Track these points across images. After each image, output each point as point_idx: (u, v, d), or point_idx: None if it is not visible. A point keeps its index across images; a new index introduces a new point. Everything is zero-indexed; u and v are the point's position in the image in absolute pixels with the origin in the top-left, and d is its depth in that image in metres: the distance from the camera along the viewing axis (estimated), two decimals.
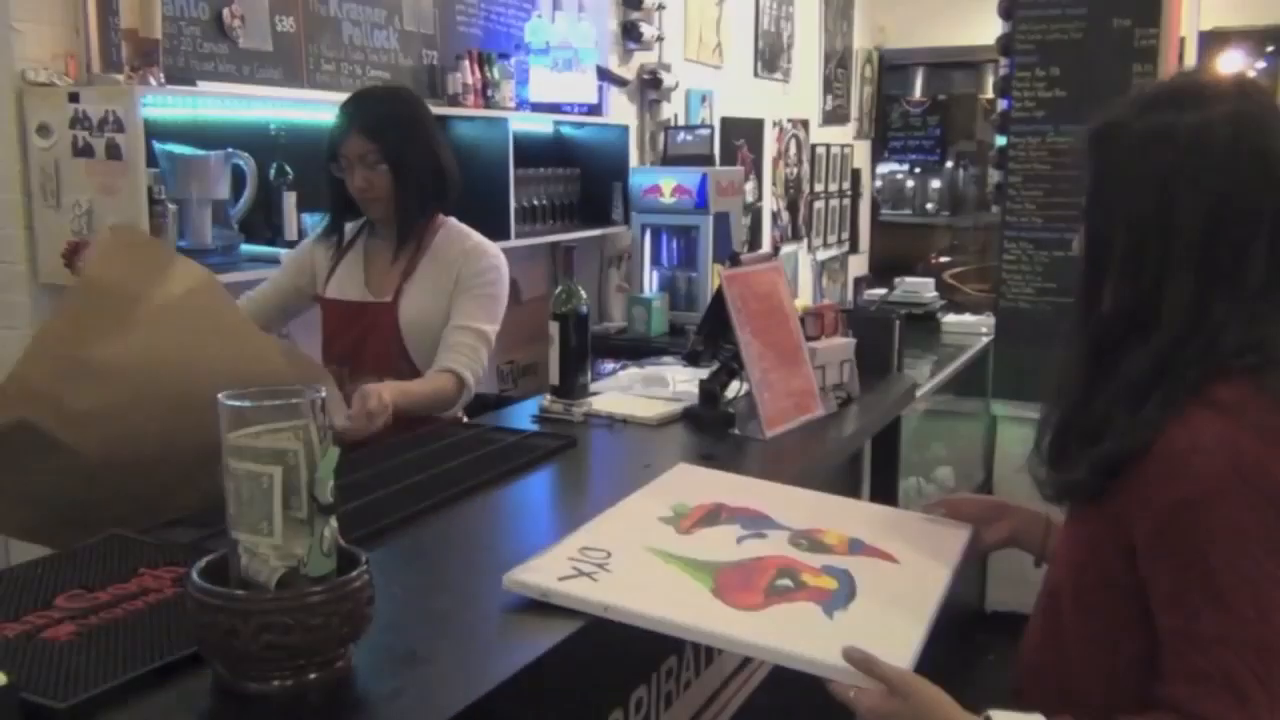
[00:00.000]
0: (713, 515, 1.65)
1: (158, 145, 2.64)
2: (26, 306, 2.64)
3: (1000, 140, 4.38)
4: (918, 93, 7.99)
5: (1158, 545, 1.19)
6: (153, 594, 1.37)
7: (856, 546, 1.55)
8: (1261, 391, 1.19)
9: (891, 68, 7.85)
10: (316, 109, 3.13)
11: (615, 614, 1.34)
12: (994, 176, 4.52)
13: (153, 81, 2.57)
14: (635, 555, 1.49)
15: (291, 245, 2.92)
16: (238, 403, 1.12)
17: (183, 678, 1.18)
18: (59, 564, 1.48)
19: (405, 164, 2.36)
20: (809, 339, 2.47)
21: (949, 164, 8.04)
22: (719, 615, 1.34)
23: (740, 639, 1.31)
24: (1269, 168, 1.21)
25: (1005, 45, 4.28)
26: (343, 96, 3.31)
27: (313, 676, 1.14)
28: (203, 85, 2.84)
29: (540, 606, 1.38)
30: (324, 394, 1.16)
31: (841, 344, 2.54)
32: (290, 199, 2.98)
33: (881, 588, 1.43)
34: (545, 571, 1.41)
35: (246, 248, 2.87)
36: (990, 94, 7.11)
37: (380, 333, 2.40)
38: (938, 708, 1.20)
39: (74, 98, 2.52)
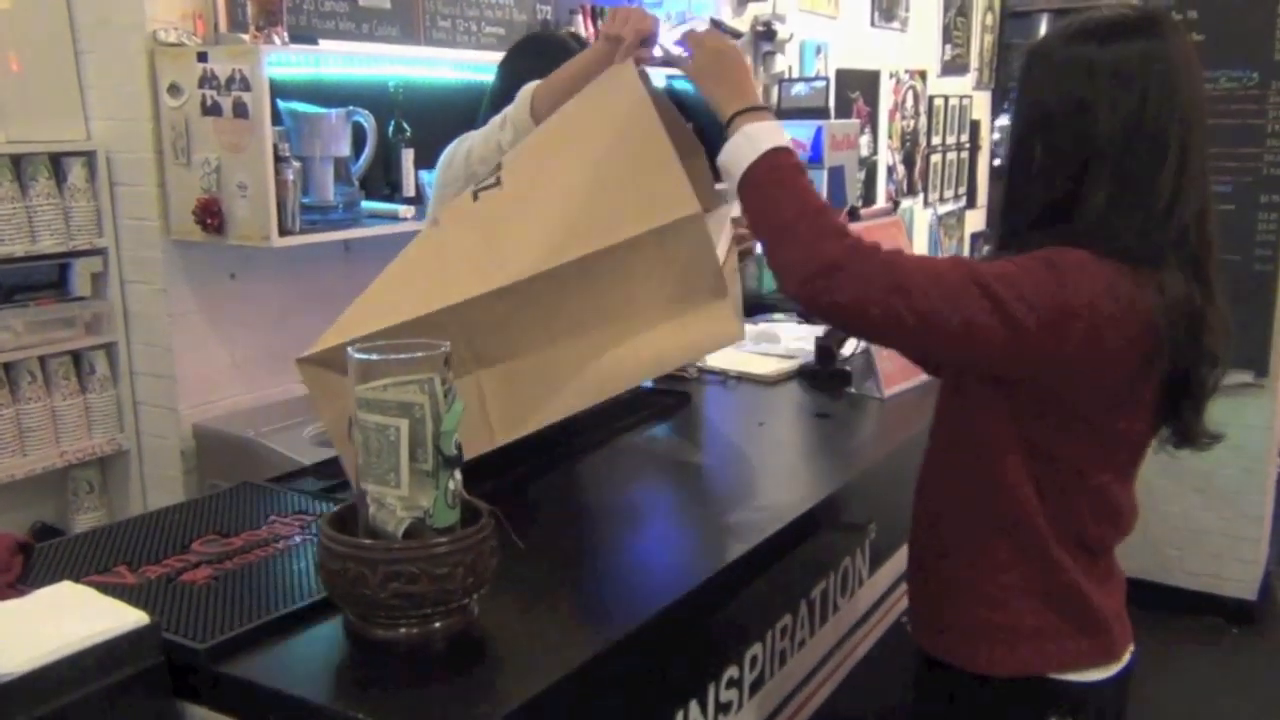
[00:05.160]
0: None
1: (281, 103, 2.69)
2: (159, 261, 2.73)
3: None
4: None
5: None
6: (283, 541, 1.42)
7: None
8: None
9: (1014, 15, 7.56)
10: (433, 66, 3.16)
11: None
12: None
13: (277, 40, 2.61)
14: None
15: (410, 202, 2.96)
16: (365, 356, 1.14)
17: (314, 622, 1.22)
18: (195, 510, 1.54)
19: None
20: None
21: None
22: None
23: None
24: (1173, 100, 1.32)
25: None
26: (459, 53, 3.36)
27: (438, 625, 1.16)
28: (324, 44, 2.89)
29: (657, 569, 1.38)
30: (447, 348, 1.17)
31: None
32: (408, 156, 3.01)
33: None
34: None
35: (367, 204, 2.92)
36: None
37: None
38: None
39: (202, 57, 2.58)
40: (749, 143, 1.40)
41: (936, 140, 6.70)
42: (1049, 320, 1.26)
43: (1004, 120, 7.80)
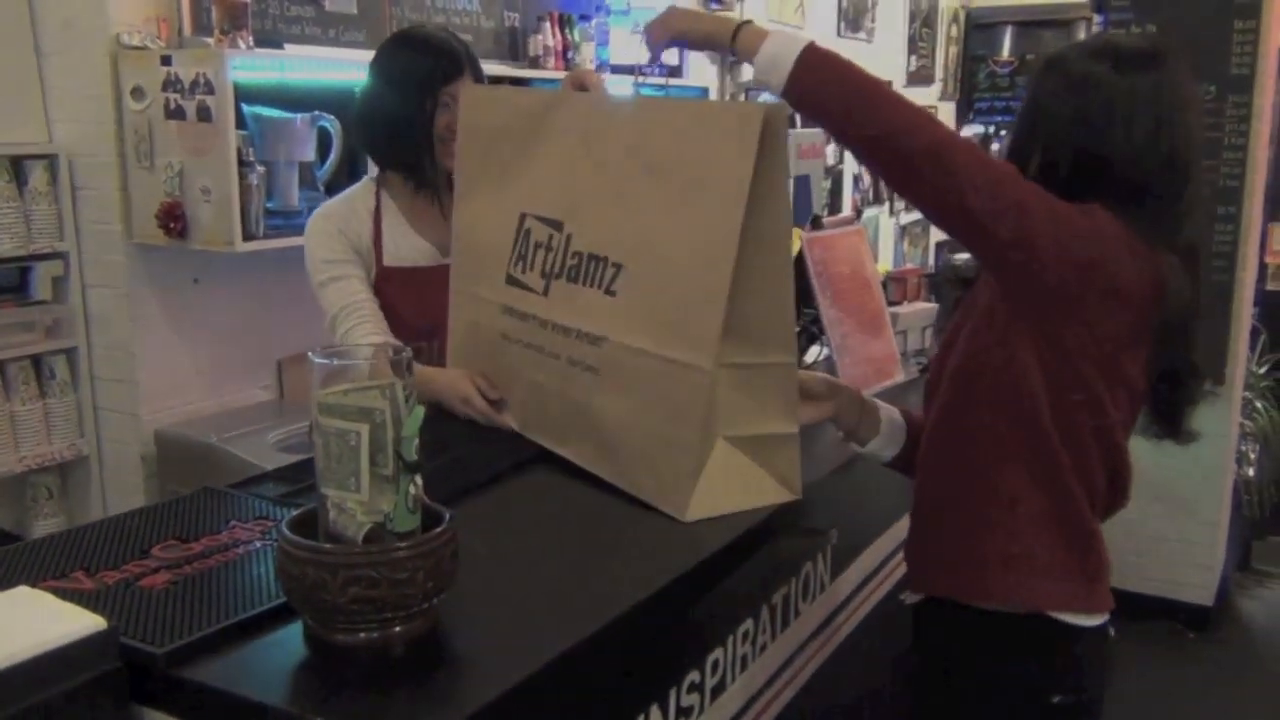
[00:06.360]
0: None
1: (246, 108, 2.69)
2: (122, 265, 2.71)
3: None
4: (1005, 52, 7.78)
5: None
6: (243, 546, 1.41)
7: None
8: None
9: (978, 26, 7.65)
10: None
11: None
12: None
13: (241, 45, 2.60)
14: None
15: None
16: (326, 360, 1.14)
17: (273, 627, 1.21)
18: (154, 515, 1.53)
19: None
20: (891, 304, 2.44)
21: None
22: None
23: None
24: (1187, 131, 1.43)
25: (1099, 1, 4.14)
26: None
27: (398, 629, 1.16)
28: (289, 48, 2.88)
29: (618, 574, 1.39)
30: (409, 353, 1.18)
31: (924, 309, 2.50)
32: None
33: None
34: None
35: None
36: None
37: None
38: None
39: (166, 61, 2.57)
40: (788, 40, 1.45)
41: None
42: (1081, 231, 1.38)
43: (968, 131, 7.88)
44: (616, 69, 4.03)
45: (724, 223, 1.45)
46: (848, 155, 6.00)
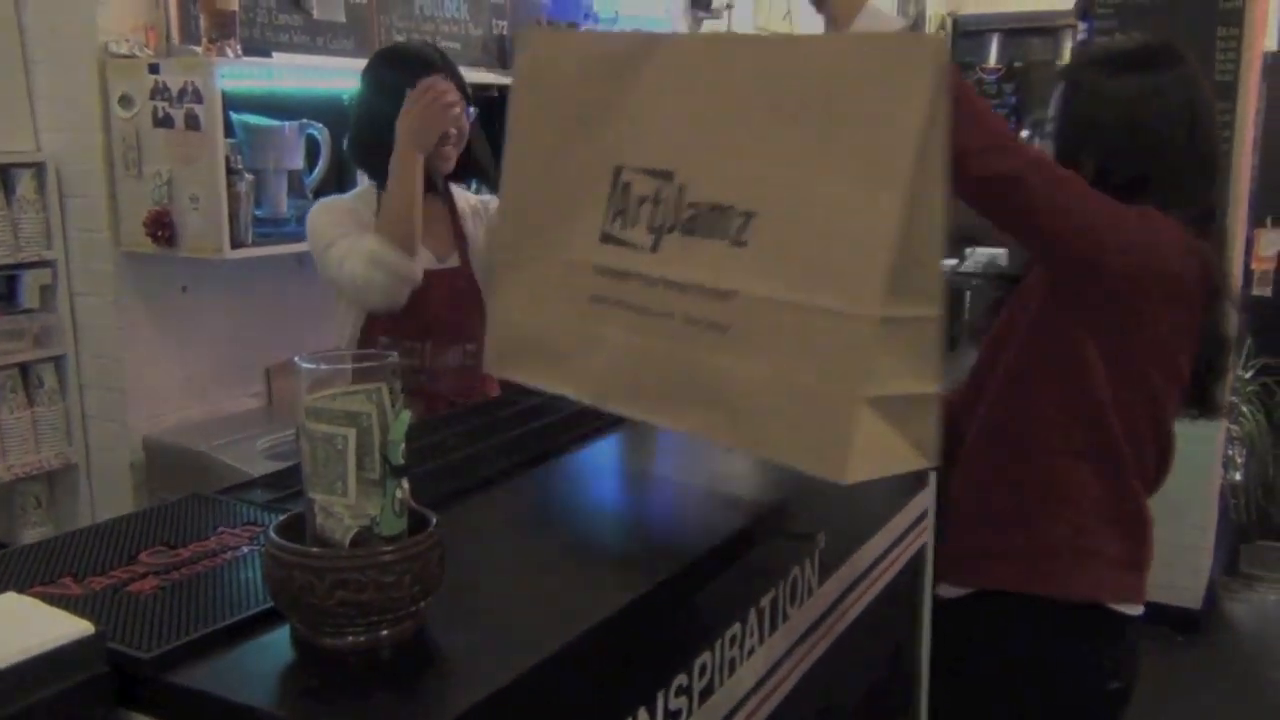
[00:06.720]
0: None
1: (234, 116, 2.69)
2: (110, 274, 2.71)
3: None
4: (993, 60, 7.82)
5: None
6: (231, 551, 1.41)
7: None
8: None
9: (966, 34, 7.69)
10: None
11: None
12: None
13: (230, 53, 2.61)
14: None
15: None
16: (313, 365, 1.15)
17: (261, 631, 1.22)
18: (142, 521, 1.53)
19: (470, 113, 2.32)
20: None
21: (1025, 133, 7.86)
22: None
23: None
24: (1211, 119, 1.56)
25: (1083, 9, 4.16)
26: None
27: (385, 633, 1.16)
28: (278, 57, 2.89)
29: (608, 570, 1.39)
30: (395, 358, 1.18)
31: None
32: None
33: None
34: None
35: None
36: (1068, 60, 6.92)
37: (466, 299, 2.29)
38: None
39: (154, 69, 2.58)
40: (885, 22, 1.49)
41: None
42: (1142, 239, 1.46)
43: None
44: None
45: (892, 162, 1.32)
46: None
